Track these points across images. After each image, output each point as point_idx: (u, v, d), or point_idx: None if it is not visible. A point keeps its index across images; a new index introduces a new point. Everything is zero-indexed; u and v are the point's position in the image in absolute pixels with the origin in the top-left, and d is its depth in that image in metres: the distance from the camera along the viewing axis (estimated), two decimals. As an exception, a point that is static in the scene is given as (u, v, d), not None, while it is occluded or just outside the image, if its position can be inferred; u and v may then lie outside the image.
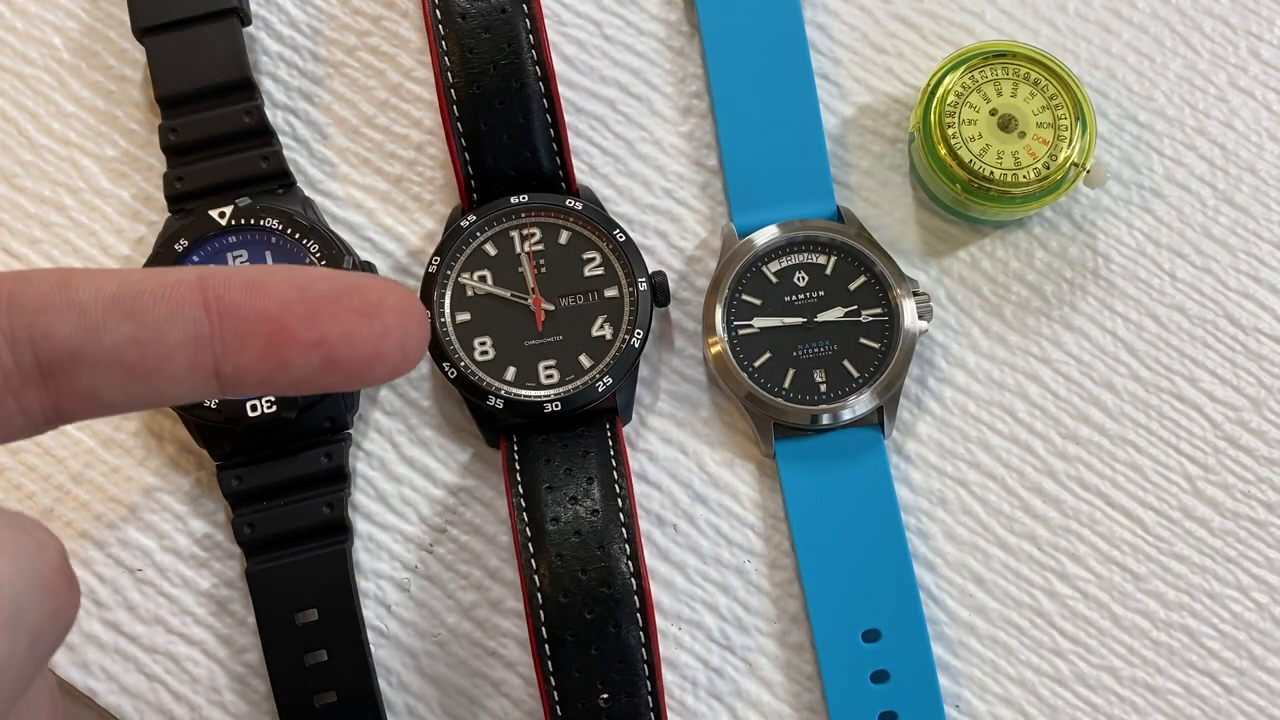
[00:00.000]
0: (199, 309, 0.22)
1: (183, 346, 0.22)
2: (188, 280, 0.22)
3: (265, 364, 0.22)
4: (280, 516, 0.39)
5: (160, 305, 0.21)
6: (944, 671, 0.40)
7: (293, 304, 0.22)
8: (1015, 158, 0.40)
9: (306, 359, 0.22)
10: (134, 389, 0.22)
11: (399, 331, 0.22)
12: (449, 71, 0.39)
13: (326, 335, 0.22)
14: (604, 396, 0.39)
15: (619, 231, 0.40)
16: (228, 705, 0.39)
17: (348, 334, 0.22)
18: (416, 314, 0.23)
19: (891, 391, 0.40)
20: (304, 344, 0.22)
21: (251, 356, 0.22)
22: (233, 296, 0.22)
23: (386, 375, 0.23)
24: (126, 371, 0.22)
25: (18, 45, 0.43)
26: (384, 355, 0.22)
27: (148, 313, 0.21)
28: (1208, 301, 0.43)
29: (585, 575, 0.36)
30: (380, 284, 0.23)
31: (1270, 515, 0.41)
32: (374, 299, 0.22)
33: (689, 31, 0.44)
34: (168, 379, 0.22)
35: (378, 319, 0.22)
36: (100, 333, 0.21)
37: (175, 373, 0.22)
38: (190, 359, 0.22)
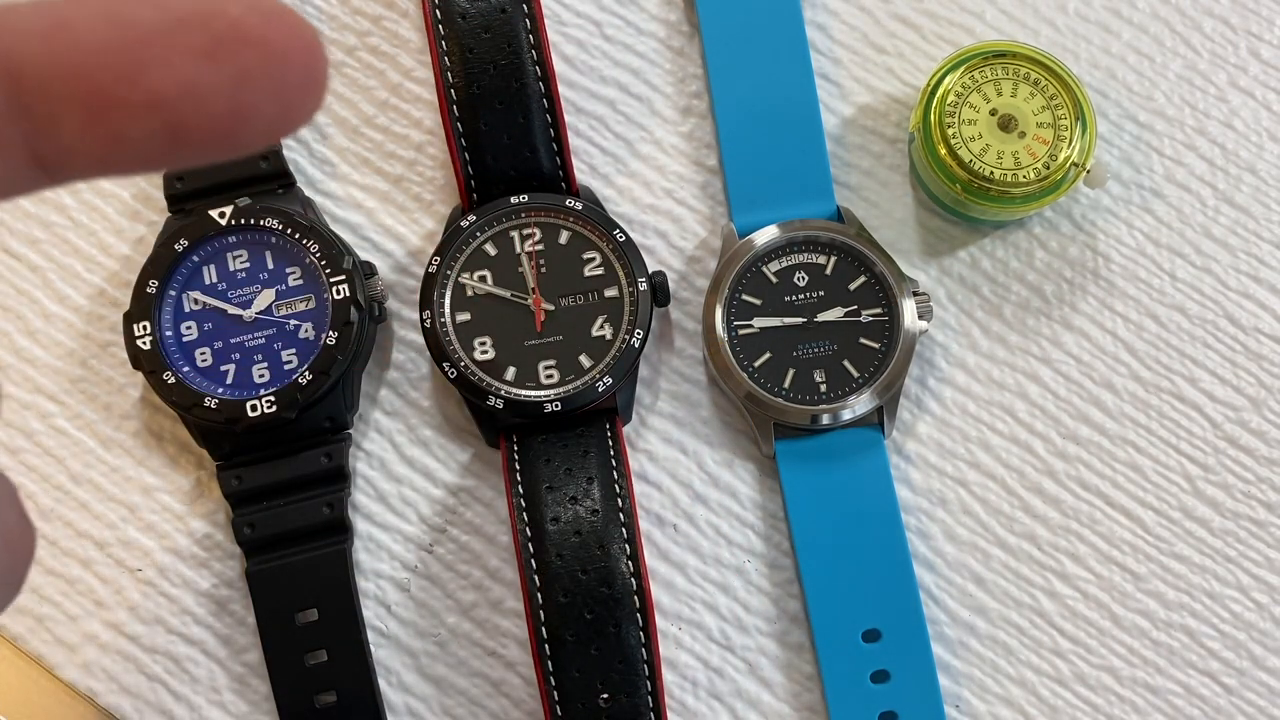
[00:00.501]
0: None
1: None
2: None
3: (92, 140, 0.16)
4: (280, 516, 0.39)
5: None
6: (944, 671, 0.40)
7: (109, 50, 0.16)
8: (1015, 158, 0.40)
9: (143, 126, 0.16)
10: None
11: (269, 72, 0.16)
12: (449, 71, 0.39)
13: (159, 89, 0.16)
14: (604, 396, 0.39)
15: (619, 231, 0.40)
16: (228, 705, 0.39)
17: (188, 84, 0.16)
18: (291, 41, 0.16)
19: (891, 391, 0.40)
20: (133, 105, 0.16)
21: (72, 131, 0.16)
22: (30, 47, 0.16)
23: (266, 137, 0.16)
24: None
25: (18, 45, 0.43)
26: (252, 110, 0.16)
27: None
28: (1208, 301, 0.43)
29: (585, 575, 0.36)
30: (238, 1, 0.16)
31: (1270, 515, 0.41)
32: (218, 27, 0.16)
33: (689, 31, 0.44)
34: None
35: (231, 58, 0.16)
36: None
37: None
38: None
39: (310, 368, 0.38)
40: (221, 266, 0.39)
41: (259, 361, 0.39)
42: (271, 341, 0.39)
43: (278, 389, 0.38)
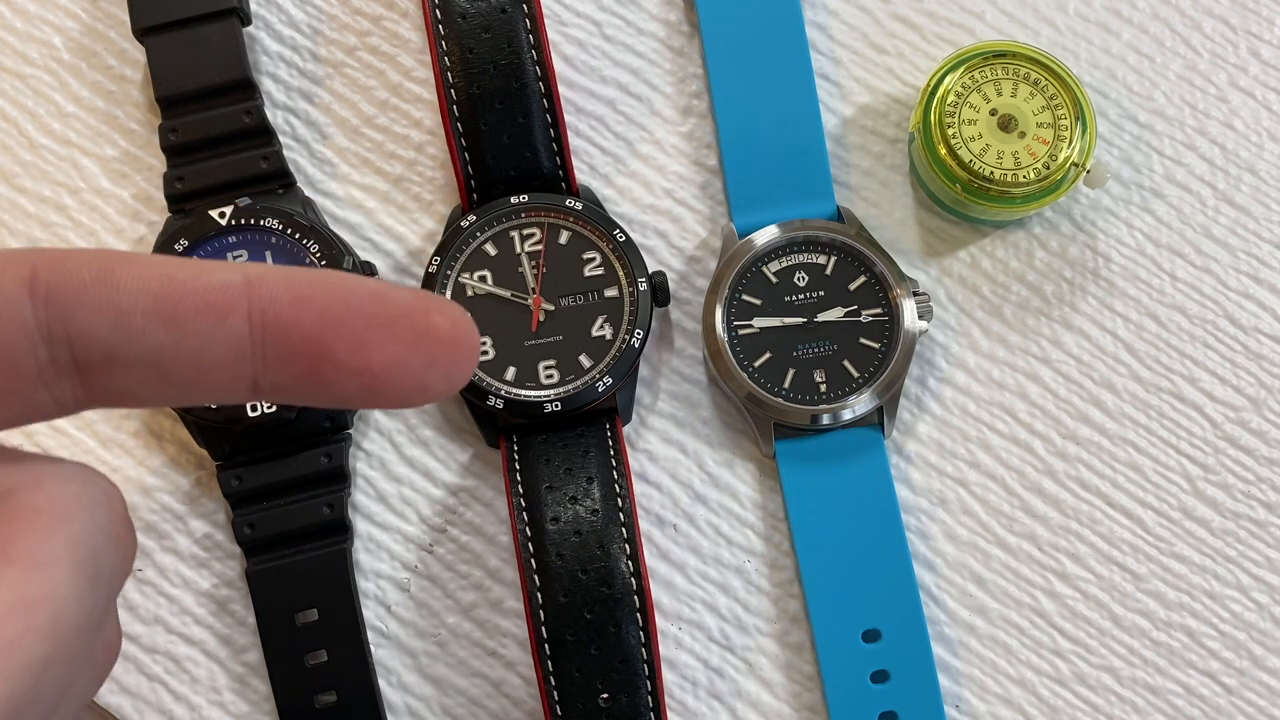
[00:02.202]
0: (242, 321, 0.20)
1: (223, 361, 0.21)
2: (233, 285, 0.20)
3: (305, 384, 0.21)
4: (280, 516, 0.39)
5: (203, 315, 0.20)
6: (944, 671, 0.40)
7: (340, 325, 0.20)
8: (1015, 158, 0.40)
9: (347, 384, 0.21)
10: (168, 393, 0.21)
11: (447, 362, 0.21)
12: (449, 71, 0.39)
13: (371, 364, 0.21)
14: (604, 396, 0.39)
15: (619, 231, 0.40)
16: (228, 705, 0.39)
17: (393, 363, 0.21)
18: (467, 340, 0.21)
19: (891, 391, 0.40)
20: (347, 369, 0.21)
21: (291, 375, 0.21)
22: (278, 311, 0.20)
23: (425, 402, 0.22)
24: (162, 378, 0.21)
25: (18, 45, 0.43)
26: (428, 386, 0.21)
27: (189, 323, 0.20)
28: (1208, 301, 0.43)
29: (585, 575, 0.36)
30: (433, 307, 0.21)
31: (1270, 515, 0.41)
32: (423, 326, 0.21)
33: (689, 31, 0.44)
34: (204, 387, 0.21)
35: (426, 349, 0.21)
36: (139, 339, 0.20)
37: (212, 382, 0.21)
38: (230, 372, 0.21)
39: (310, 368, 0.38)
40: (221, 266, 0.39)
41: (259, 361, 0.39)
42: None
43: (278, 389, 0.38)
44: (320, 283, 0.21)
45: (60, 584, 0.19)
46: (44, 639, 0.19)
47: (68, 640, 0.19)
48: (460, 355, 0.21)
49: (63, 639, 0.19)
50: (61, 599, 0.19)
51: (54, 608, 0.19)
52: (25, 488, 0.20)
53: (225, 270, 0.21)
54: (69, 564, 0.19)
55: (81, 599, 0.19)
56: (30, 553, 0.19)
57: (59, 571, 0.19)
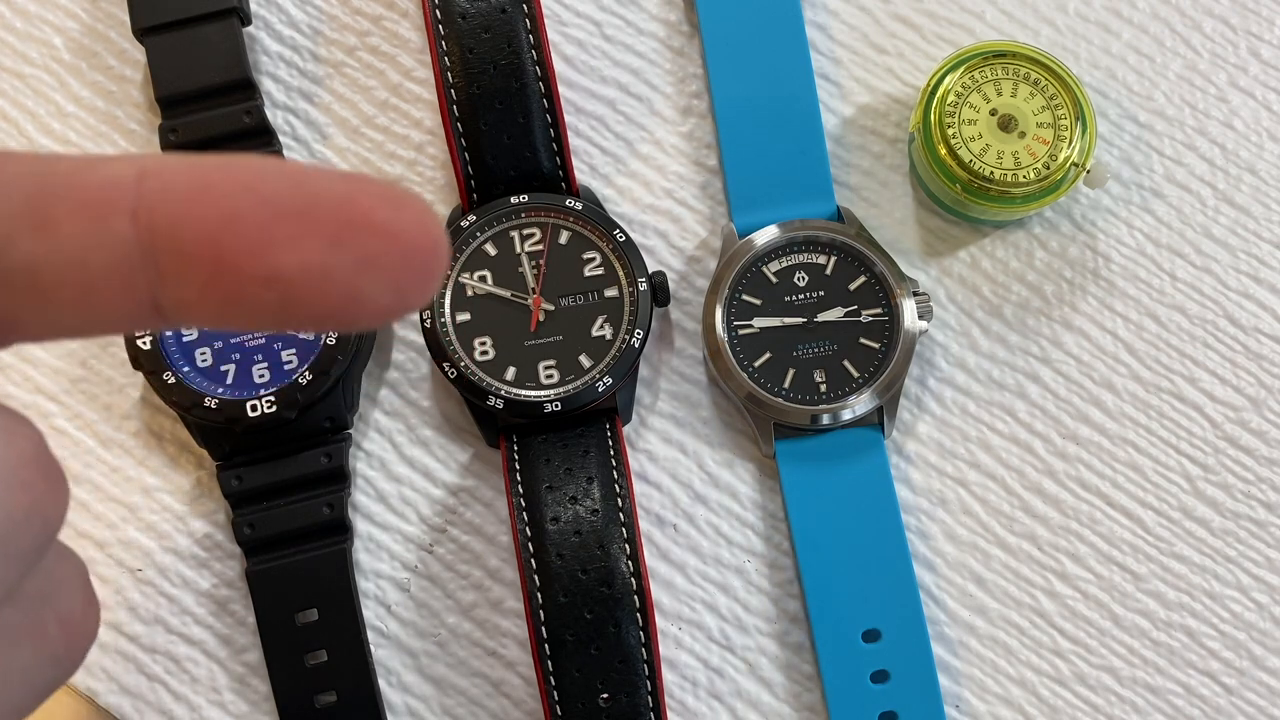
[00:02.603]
0: (126, 221, 0.16)
1: (107, 272, 0.16)
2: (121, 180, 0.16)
3: (210, 300, 0.17)
4: (280, 516, 0.39)
5: (79, 216, 0.16)
6: (944, 671, 0.40)
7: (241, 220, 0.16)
8: (1015, 158, 0.40)
9: (259, 297, 0.16)
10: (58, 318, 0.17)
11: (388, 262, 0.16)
12: (449, 71, 0.39)
13: (280, 268, 0.16)
14: (604, 396, 0.39)
15: (619, 231, 0.40)
16: (228, 705, 0.39)
17: (308, 266, 0.16)
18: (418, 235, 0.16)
19: (891, 391, 0.40)
20: (252, 277, 0.16)
21: (193, 289, 0.17)
22: (169, 207, 0.16)
23: (374, 320, 0.17)
24: (43, 298, 0.17)
25: (18, 45, 0.43)
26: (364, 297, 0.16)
27: (62, 225, 0.16)
28: (1208, 301, 0.43)
29: (585, 575, 0.36)
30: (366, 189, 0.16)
31: (1270, 515, 0.41)
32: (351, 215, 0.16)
33: (689, 31, 0.44)
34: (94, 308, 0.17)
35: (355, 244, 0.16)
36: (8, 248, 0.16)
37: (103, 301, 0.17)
38: (119, 287, 0.17)
39: (310, 368, 0.38)
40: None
41: (259, 361, 0.39)
42: (271, 341, 0.39)
43: (278, 389, 0.38)
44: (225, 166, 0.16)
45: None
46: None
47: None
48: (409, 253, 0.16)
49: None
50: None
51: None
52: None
53: (115, 162, 0.17)
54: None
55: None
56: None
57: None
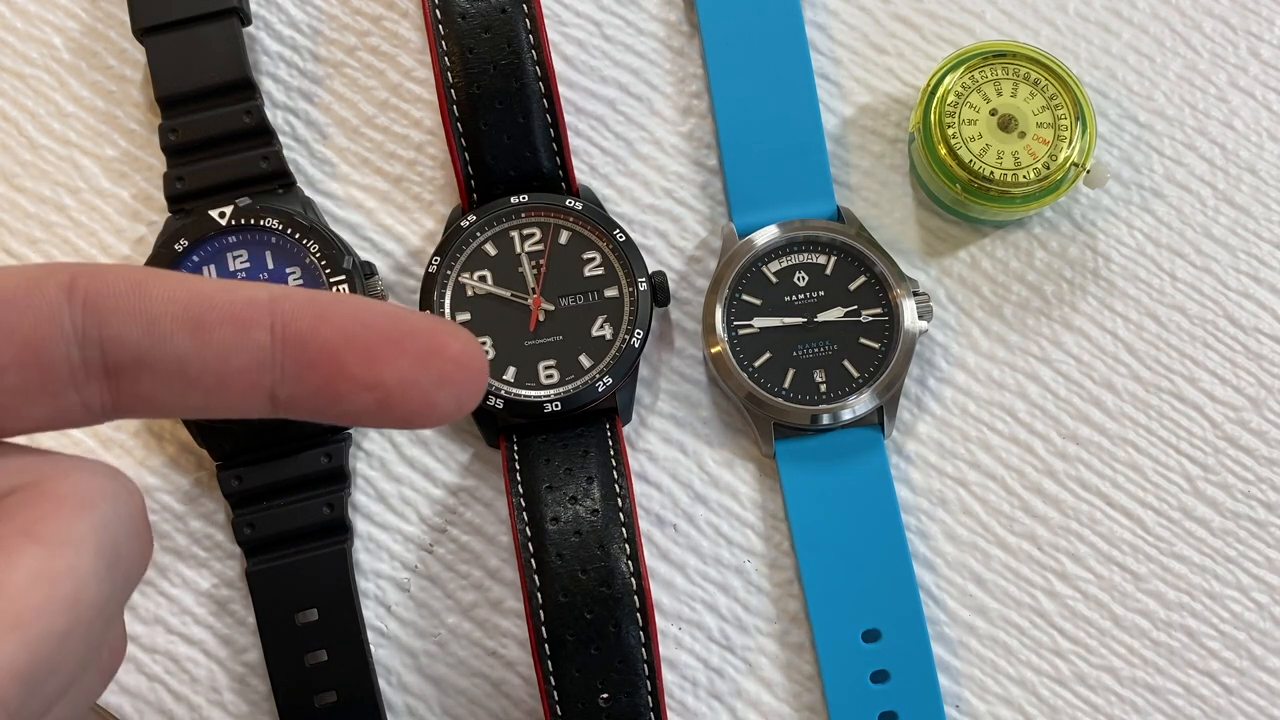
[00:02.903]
0: (265, 333, 0.22)
1: (244, 370, 0.22)
2: (258, 300, 0.22)
3: (320, 397, 0.22)
4: (280, 516, 0.39)
5: (228, 325, 0.22)
6: (944, 671, 0.40)
7: (355, 341, 0.22)
8: (1015, 158, 0.40)
9: (360, 398, 0.22)
10: (190, 400, 0.22)
11: (456, 381, 0.22)
12: (449, 71, 0.39)
13: (383, 379, 0.22)
14: (604, 396, 0.39)
15: (619, 231, 0.40)
16: (228, 705, 0.39)
17: (404, 379, 0.22)
18: (475, 363, 0.23)
19: (891, 391, 0.40)
20: (360, 383, 0.22)
21: (308, 388, 0.22)
22: (299, 326, 0.22)
23: (436, 422, 0.23)
24: (186, 384, 0.22)
25: (18, 45, 0.43)
26: (437, 405, 0.22)
27: (214, 331, 0.22)
28: (1208, 301, 0.43)
29: (585, 575, 0.36)
30: (443, 329, 0.23)
31: (1270, 515, 0.41)
32: (434, 345, 0.22)
33: (689, 31, 0.44)
34: (225, 395, 0.22)
35: (435, 367, 0.22)
36: (167, 344, 0.22)
37: (233, 391, 0.22)
38: (250, 381, 0.22)
39: (310, 368, 0.38)
40: (221, 266, 0.39)
41: (259, 361, 0.39)
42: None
43: (278, 389, 0.38)
44: (339, 301, 0.22)
45: (82, 563, 0.20)
46: (65, 612, 0.20)
47: (86, 619, 0.20)
48: (469, 376, 0.23)
49: (82, 616, 0.20)
50: (83, 577, 0.20)
51: (75, 584, 0.20)
52: (53, 478, 0.21)
53: (251, 287, 0.22)
54: (92, 546, 0.20)
55: (101, 581, 0.20)
56: (56, 532, 0.20)
57: (82, 552, 0.20)
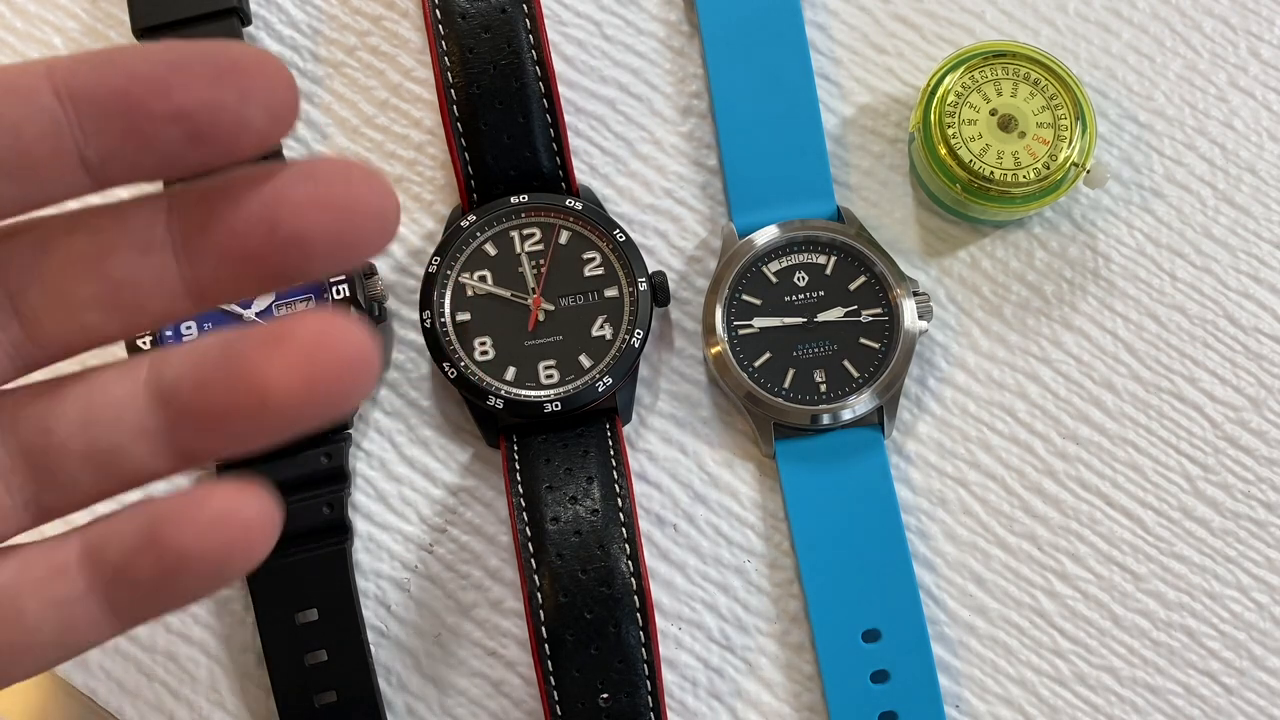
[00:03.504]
0: (50, 96, 0.21)
1: (41, 138, 0.21)
2: (34, 70, 0.21)
3: (128, 145, 0.21)
4: (280, 517, 0.38)
5: (10, 98, 0.21)
6: (944, 671, 0.40)
7: (143, 77, 0.21)
8: (1015, 158, 0.40)
9: (168, 133, 0.21)
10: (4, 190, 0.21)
11: (261, 94, 0.21)
12: (449, 71, 0.39)
13: (182, 105, 0.21)
14: (604, 396, 0.39)
15: (619, 231, 0.40)
16: (228, 705, 0.39)
17: (204, 102, 0.21)
18: (275, 73, 0.22)
19: (891, 391, 0.40)
20: (161, 117, 0.21)
21: (112, 139, 0.21)
22: (82, 78, 0.21)
23: (259, 143, 0.22)
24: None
25: (18, 45, 0.43)
26: (249, 121, 0.21)
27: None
28: (1208, 301, 0.43)
29: (585, 575, 0.36)
30: (232, 46, 0.22)
31: (1270, 515, 0.41)
32: (224, 62, 0.21)
33: (689, 31, 0.44)
34: (33, 174, 0.21)
35: (232, 82, 0.21)
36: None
37: (40, 168, 0.21)
38: (52, 151, 0.21)
39: (310, 368, 0.38)
40: (221, 266, 0.39)
41: (259, 361, 0.39)
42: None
43: (278, 389, 0.38)
44: (118, 49, 0.21)
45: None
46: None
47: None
48: (271, 84, 0.22)
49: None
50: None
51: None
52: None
53: (27, 63, 0.21)
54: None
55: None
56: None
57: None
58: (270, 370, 0.21)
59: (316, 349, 0.21)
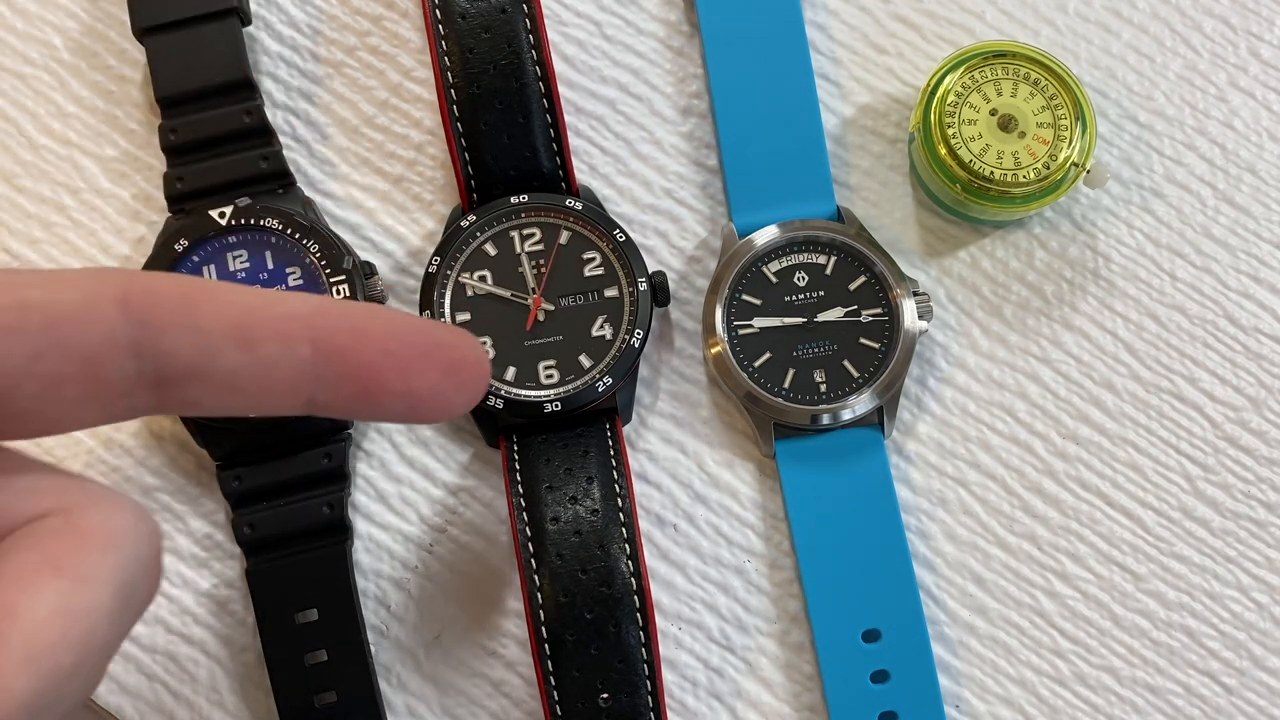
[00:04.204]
0: (308, 348, 0.23)
1: (288, 380, 0.23)
2: (299, 316, 0.23)
3: (355, 402, 0.24)
4: (280, 517, 0.38)
5: (274, 341, 0.23)
6: (944, 671, 0.40)
7: (390, 355, 0.24)
8: (1015, 158, 0.40)
9: (393, 405, 0.24)
10: (233, 404, 0.24)
11: (470, 386, 0.25)
12: (449, 71, 0.39)
13: (414, 388, 0.24)
14: (604, 396, 0.39)
15: (619, 231, 0.40)
16: (228, 705, 0.39)
17: (432, 388, 0.24)
18: (484, 370, 0.26)
19: (891, 391, 0.40)
20: (394, 393, 0.24)
21: (345, 395, 0.24)
22: (339, 341, 0.24)
23: (441, 419, 0.26)
24: (232, 391, 0.23)
25: (18, 45, 0.43)
26: (453, 406, 0.25)
27: (262, 347, 0.23)
28: (1208, 301, 0.43)
29: (585, 575, 0.36)
30: (462, 341, 0.25)
31: (1270, 515, 0.41)
32: (456, 357, 0.25)
33: (689, 31, 0.44)
34: (265, 400, 0.24)
35: (456, 376, 0.25)
36: (218, 359, 0.23)
37: (274, 397, 0.24)
38: (291, 389, 0.24)
39: (310, 368, 0.38)
40: (221, 266, 0.39)
41: (259, 361, 0.39)
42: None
43: (278, 389, 0.38)
44: (373, 317, 0.24)
45: (100, 602, 0.21)
46: (76, 649, 0.20)
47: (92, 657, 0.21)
48: (480, 381, 0.26)
49: (88, 655, 0.20)
50: (98, 617, 0.20)
51: (90, 623, 0.20)
52: (83, 509, 0.22)
53: (291, 300, 0.24)
54: (111, 586, 0.21)
55: (113, 622, 0.21)
56: (80, 569, 0.21)
57: (101, 591, 0.21)
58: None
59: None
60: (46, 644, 0.20)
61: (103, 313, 0.22)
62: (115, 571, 0.21)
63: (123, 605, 0.21)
